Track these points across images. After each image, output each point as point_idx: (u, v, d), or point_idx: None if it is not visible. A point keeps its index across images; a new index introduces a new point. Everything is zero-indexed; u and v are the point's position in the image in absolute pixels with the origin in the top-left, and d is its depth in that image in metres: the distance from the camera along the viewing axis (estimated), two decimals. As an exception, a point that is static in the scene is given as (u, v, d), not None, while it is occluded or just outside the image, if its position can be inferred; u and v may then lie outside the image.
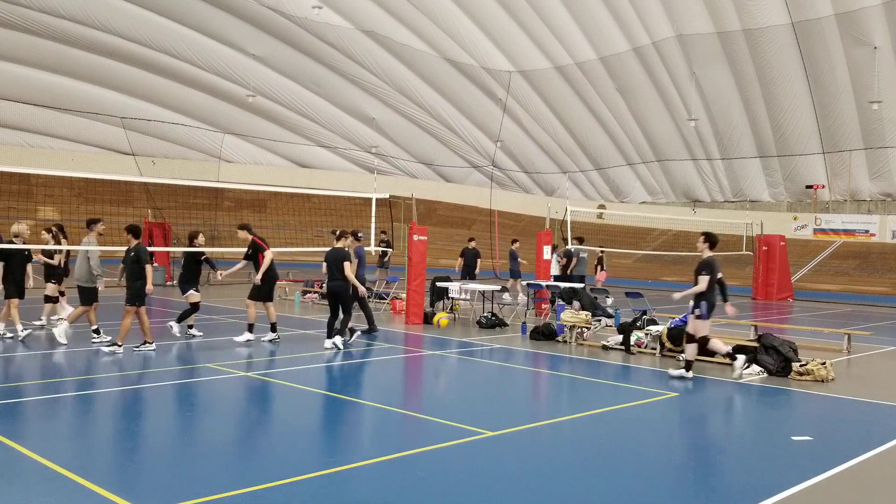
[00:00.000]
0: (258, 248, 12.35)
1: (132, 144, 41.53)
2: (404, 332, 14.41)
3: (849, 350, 13.07)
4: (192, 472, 5.68)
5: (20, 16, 34.24)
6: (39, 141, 42.04)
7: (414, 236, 15.62)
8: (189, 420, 7.41)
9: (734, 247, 32.14)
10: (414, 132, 46.01)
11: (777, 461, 6.33)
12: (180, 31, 37.16)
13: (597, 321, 13.62)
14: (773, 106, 36.59)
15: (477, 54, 39.02)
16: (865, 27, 31.01)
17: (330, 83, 41.77)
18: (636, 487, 5.53)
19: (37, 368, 9.79)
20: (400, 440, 6.79)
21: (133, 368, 9.79)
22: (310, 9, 33.24)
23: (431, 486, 5.45)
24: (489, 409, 8.21)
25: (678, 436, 7.26)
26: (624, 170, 45.84)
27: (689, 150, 41.90)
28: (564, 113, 42.87)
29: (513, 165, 48.57)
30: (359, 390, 9.29)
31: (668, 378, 9.97)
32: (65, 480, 5.27)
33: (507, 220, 42.54)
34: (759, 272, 26.37)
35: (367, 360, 11.25)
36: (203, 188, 39.84)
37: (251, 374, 9.55)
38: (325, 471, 5.67)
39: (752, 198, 42.51)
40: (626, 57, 37.11)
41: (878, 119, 34.19)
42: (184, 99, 42.05)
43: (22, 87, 38.09)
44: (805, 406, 8.82)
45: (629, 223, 41.40)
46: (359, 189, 40.44)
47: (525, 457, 6.29)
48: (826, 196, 39.97)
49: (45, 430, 6.86)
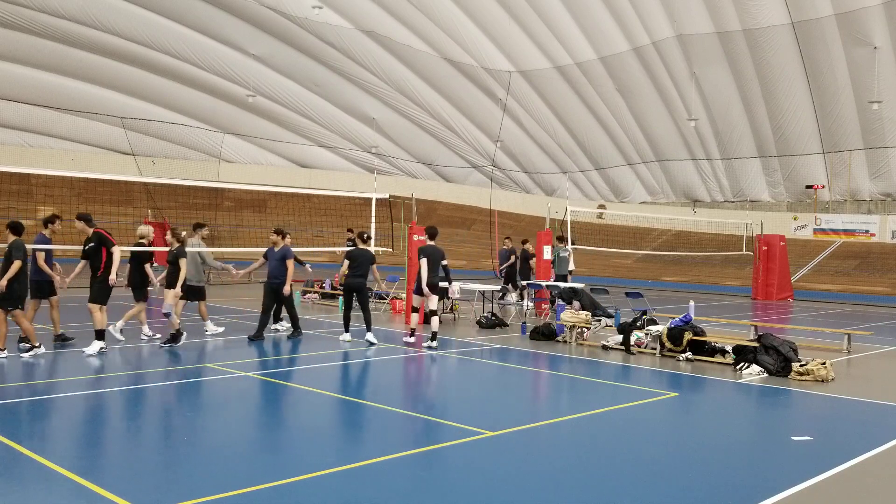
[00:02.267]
0: (105, 243, 10.73)
1: (132, 144, 41.53)
2: (404, 332, 14.40)
3: (849, 350, 13.07)
4: (192, 472, 5.68)
5: (20, 16, 34.23)
6: (39, 141, 42.03)
7: (414, 236, 15.63)
8: (189, 420, 7.41)
9: (734, 247, 32.17)
10: (414, 132, 46.00)
11: (777, 461, 6.33)
12: (180, 31, 37.14)
13: (597, 321, 13.63)
14: (773, 106, 36.58)
15: (477, 54, 39.01)
16: (865, 27, 31.00)
17: (330, 83, 41.75)
18: (636, 487, 5.53)
19: (38, 369, 9.79)
20: (400, 440, 6.79)
21: (133, 368, 9.80)
22: (310, 9, 33.22)
23: (431, 486, 5.45)
24: (489, 409, 8.21)
25: (678, 436, 7.26)
26: (624, 170, 45.82)
27: (689, 150, 41.89)
28: (564, 113, 42.85)
29: (513, 165, 48.56)
30: (359, 390, 9.30)
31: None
32: (65, 480, 5.27)
33: (507, 220, 42.53)
34: (759, 272, 26.38)
35: (367, 360, 11.25)
36: (203, 188, 39.86)
37: (251, 375, 9.56)
38: (326, 471, 5.67)
39: (752, 198, 42.49)
40: (626, 57, 37.10)
41: (878, 119, 34.17)
42: (184, 99, 42.04)
43: (22, 87, 38.08)
44: (805, 406, 8.82)
45: (629, 223, 41.40)
46: (359, 189, 40.46)
47: (525, 457, 6.29)
48: (826, 196, 39.97)
49: (44, 430, 6.86)
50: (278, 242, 12.63)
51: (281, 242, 12.63)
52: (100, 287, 10.64)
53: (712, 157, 41.52)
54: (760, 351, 10.68)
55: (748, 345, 11.04)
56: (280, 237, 12.66)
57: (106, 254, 10.59)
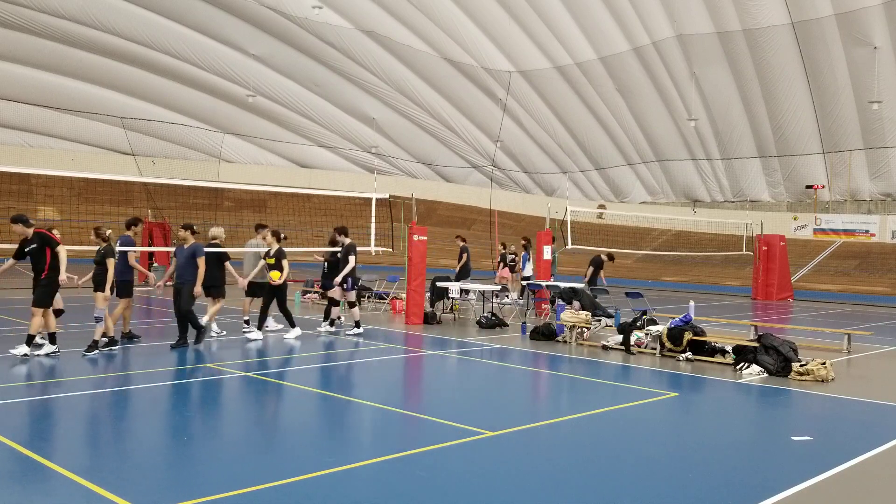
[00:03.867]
0: (49, 243, 10.15)
1: (132, 144, 41.56)
2: (404, 332, 14.41)
3: (849, 350, 13.07)
4: (192, 472, 5.68)
5: (21, 16, 34.25)
6: (39, 141, 42.04)
7: (414, 236, 15.62)
8: (189, 420, 7.41)
9: (734, 247, 32.17)
10: (414, 132, 46.01)
11: (777, 461, 6.33)
12: (180, 31, 37.16)
13: (597, 321, 13.63)
14: (773, 106, 36.59)
15: (477, 54, 39.02)
16: (865, 27, 31.01)
17: (330, 83, 41.77)
18: (636, 487, 5.53)
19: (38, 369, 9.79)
20: (400, 440, 6.78)
21: (133, 368, 9.79)
22: (310, 9, 33.24)
23: (431, 486, 5.44)
24: (489, 409, 8.21)
25: (678, 436, 7.26)
26: (624, 170, 45.83)
27: (689, 150, 41.89)
28: (564, 113, 42.86)
29: (513, 165, 48.57)
30: (359, 390, 9.29)
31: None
32: (65, 480, 5.27)
33: (507, 220, 42.54)
34: (759, 272, 26.38)
35: (367, 360, 11.25)
36: (203, 188, 39.89)
37: (251, 375, 9.56)
38: (326, 471, 5.66)
39: (752, 198, 42.50)
40: (626, 57, 37.10)
41: (878, 119, 34.18)
42: (184, 99, 42.05)
43: (22, 87, 38.10)
44: (805, 406, 8.82)
45: (629, 223, 41.40)
46: (359, 189, 40.47)
47: (525, 457, 6.29)
48: (826, 196, 39.97)
49: (44, 429, 6.86)
50: (187, 239, 11.62)
51: (191, 239, 11.62)
52: (44, 290, 10.07)
53: (712, 157, 41.53)
54: (760, 351, 10.68)
55: (748, 345, 11.04)
56: (189, 233, 11.65)
57: (50, 254, 10.08)
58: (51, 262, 10.09)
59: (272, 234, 12.98)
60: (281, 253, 12.72)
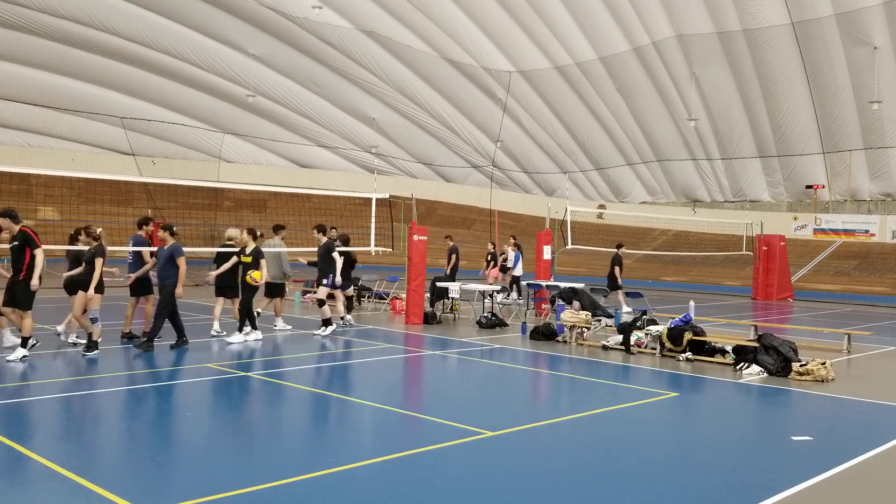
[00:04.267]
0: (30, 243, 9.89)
1: (132, 144, 41.55)
2: (404, 332, 14.41)
3: (849, 350, 13.07)
4: (192, 472, 5.68)
5: (21, 16, 34.24)
6: (39, 141, 42.03)
7: (414, 236, 15.62)
8: (189, 420, 7.41)
9: (734, 247, 32.17)
10: (414, 132, 46.01)
11: (777, 461, 6.33)
12: (180, 31, 37.15)
13: (597, 321, 13.63)
14: (773, 106, 36.58)
15: (477, 54, 39.02)
16: (865, 27, 31.00)
17: (330, 83, 41.76)
18: (636, 487, 5.53)
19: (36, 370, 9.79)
20: (400, 440, 6.79)
21: (133, 368, 9.79)
22: (310, 9, 33.24)
23: (431, 486, 5.44)
24: (489, 409, 8.21)
25: (678, 436, 7.26)
26: (624, 170, 45.83)
27: (689, 150, 41.89)
28: (564, 113, 42.86)
29: (513, 165, 48.56)
30: (359, 390, 9.29)
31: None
32: (65, 480, 5.27)
33: (507, 220, 42.53)
34: (759, 272, 26.37)
35: (367, 360, 11.25)
36: (203, 188, 39.87)
37: (251, 374, 9.56)
38: (326, 471, 5.67)
39: (752, 198, 42.50)
40: (626, 57, 37.10)
41: (878, 119, 34.18)
42: (184, 99, 42.05)
43: (22, 87, 38.09)
44: (805, 406, 8.82)
45: (629, 223, 41.39)
46: (359, 189, 40.47)
47: (525, 457, 6.29)
48: (826, 196, 39.97)
49: (44, 429, 6.86)
50: (167, 240, 11.37)
51: (170, 240, 11.37)
52: (26, 290, 9.80)
53: (712, 157, 41.53)
54: (760, 351, 10.68)
55: (748, 345, 11.04)
56: (168, 234, 11.39)
57: (29, 255, 9.80)
58: (29, 263, 9.81)
59: (248, 231, 12.35)
60: (258, 252, 12.20)
